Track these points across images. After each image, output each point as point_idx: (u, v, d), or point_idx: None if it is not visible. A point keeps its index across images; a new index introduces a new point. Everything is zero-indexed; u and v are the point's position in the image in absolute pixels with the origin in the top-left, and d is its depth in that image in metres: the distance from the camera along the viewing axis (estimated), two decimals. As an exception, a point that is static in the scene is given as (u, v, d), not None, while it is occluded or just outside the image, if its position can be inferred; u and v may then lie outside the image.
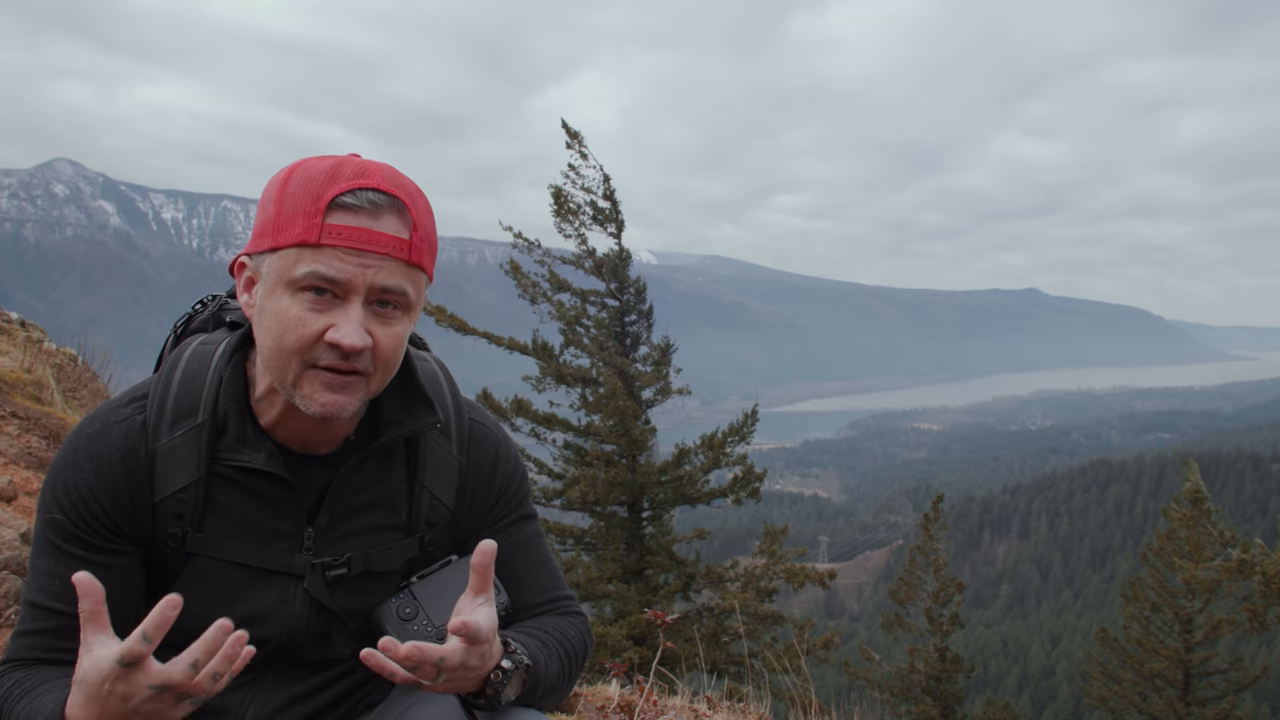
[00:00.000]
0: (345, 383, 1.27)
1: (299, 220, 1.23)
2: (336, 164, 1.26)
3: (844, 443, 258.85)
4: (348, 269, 1.22)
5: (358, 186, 1.23)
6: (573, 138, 12.92)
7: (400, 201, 1.26)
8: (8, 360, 5.35)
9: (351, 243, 1.22)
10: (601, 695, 3.76)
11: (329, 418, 1.27)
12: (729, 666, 11.72)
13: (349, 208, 1.23)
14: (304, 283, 1.22)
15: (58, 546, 1.32)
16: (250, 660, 1.38)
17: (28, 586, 1.34)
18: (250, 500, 1.36)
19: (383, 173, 1.27)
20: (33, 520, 3.47)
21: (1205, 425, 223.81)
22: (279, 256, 1.24)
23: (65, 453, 1.36)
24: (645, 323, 13.46)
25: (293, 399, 1.28)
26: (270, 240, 1.25)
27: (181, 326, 1.55)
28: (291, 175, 1.26)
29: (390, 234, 1.24)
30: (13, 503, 3.61)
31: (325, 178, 1.24)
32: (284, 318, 1.23)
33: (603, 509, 12.58)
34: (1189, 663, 17.51)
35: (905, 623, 19.53)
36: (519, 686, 1.35)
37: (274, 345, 1.26)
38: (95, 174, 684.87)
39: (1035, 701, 54.40)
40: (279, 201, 1.25)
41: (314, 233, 1.21)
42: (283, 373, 1.27)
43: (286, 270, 1.23)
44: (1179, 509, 16.84)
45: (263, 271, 1.28)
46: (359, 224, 1.23)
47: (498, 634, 1.30)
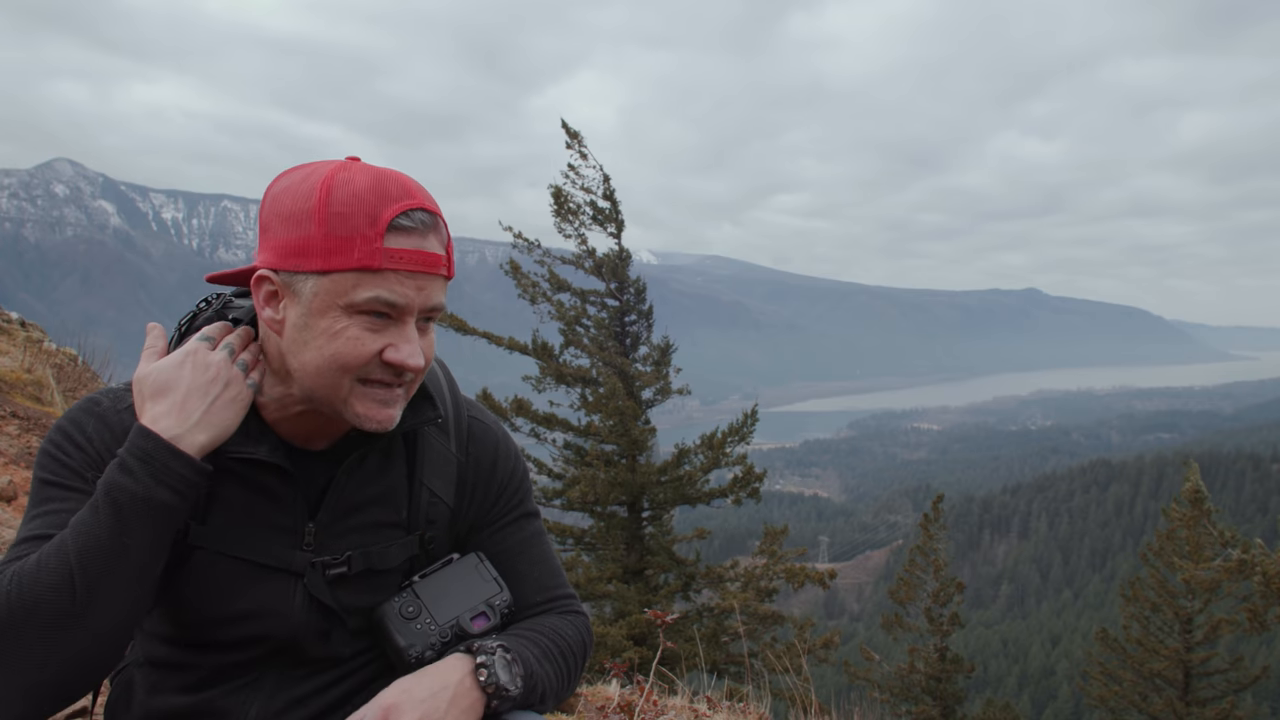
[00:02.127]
0: (395, 397, 1.32)
1: (357, 244, 1.21)
2: (377, 181, 1.24)
3: (844, 443, 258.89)
4: (408, 294, 1.24)
5: (410, 208, 1.24)
6: (573, 138, 12.92)
7: (439, 219, 1.30)
8: (8, 360, 5.34)
9: (410, 266, 1.24)
10: (601, 695, 3.76)
11: (380, 430, 1.32)
12: (729, 666, 11.72)
13: (404, 230, 1.23)
14: (365, 307, 1.24)
15: (65, 486, 1.30)
16: (251, 658, 1.39)
17: (23, 531, 1.28)
18: (253, 493, 1.36)
19: (419, 189, 1.29)
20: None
21: (1205, 425, 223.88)
22: (332, 279, 1.23)
23: (70, 419, 1.35)
24: (645, 323, 13.46)
25: (341, 414, 1.30)
26: (320, 262, 1.22)
27: (185, 324, 1.56)
28: (331, 192, 1.22)
29: (437, 253, 1.28)
30: (13, 503, 3.61)
31: (375, 197, 1.23)
32: (341, 337, 1.25)
33: (603, 509, 12.58)
34: (1189, 663, 17.51)
35: (905, 623, 19.53)
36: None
37: (328, 364, 1.26)
38: (95, 174, 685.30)
39: (1035, 701, 54.43)
40: (323, 222, 1.21)
41: (376, 258, 1.22)
42: (334, 389, 1.28)
43: (344, 294, 1.23)
44: (1179, 509, 16.84)
45: (305, 291, 1.25)
46: (413, 246, 1.24)
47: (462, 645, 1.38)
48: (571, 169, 12.95)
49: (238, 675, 1.39)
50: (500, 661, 1.35)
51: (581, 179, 13.00)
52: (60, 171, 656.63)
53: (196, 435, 1.26)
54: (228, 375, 1.30)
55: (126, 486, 1.20)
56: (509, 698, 1.34)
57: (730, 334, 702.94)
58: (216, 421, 1.28)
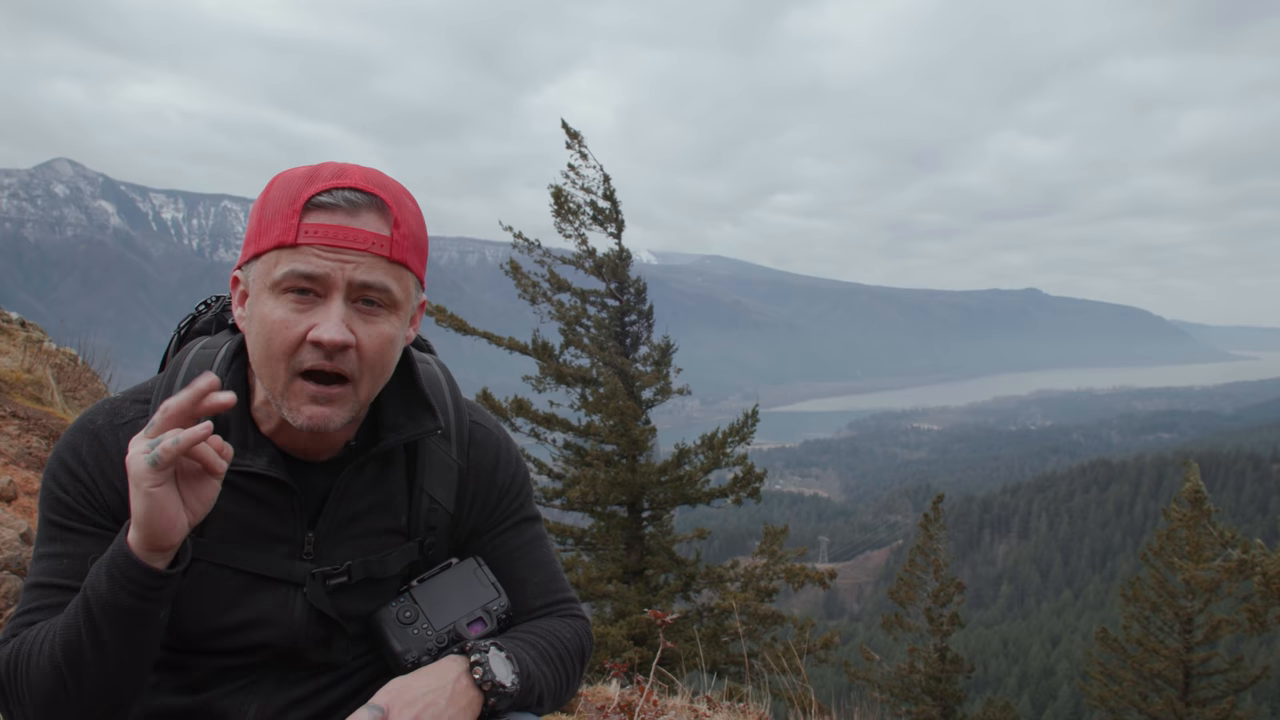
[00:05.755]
0: (331, 395, 1.26)
1: (277, 223, 1.24)
2: (315, 168, 1.28)
3: (844, 443, 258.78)
4: (325, 264, 1.22)
5: (334, 186, 1.25)
6: (573, 138, 12.91)
7: (380, 200, 1.27)
8: (8, 360, 5.34)
9: (328, 240, 1.23)
10: (602, 695, 3.76)
11: (316, 430, 1.27)
12: (729, 666, 11.72)
13: (325, 206, 1.24)
14: (285, 284, 1.23)
15: (65, 527, 1.31)
16: (250, 663, 1.39)
17: (30, 573, 1.32)
18: (251, 505, 1.36)
19: (362, 173, 1.29)
20: (33, 520, 3.47)
21: (1205, 425, 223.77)
22: (261, 262, 1.26)
23: (67, 445, 1.35)
24: (645, 323, 13.45)
25: (281, 411, 1.28)
26: (254, 247, 1.27)
27: (185, 327, 1.55)
28: (273, 184, 1.29)
29: (369, 230, 1.25)
30: (13, 503, 3.61)
31: (302, 181, 1.26)
32: (268, 321, 1.24)
33: (603, 509, 12.57)
34: (1189, 663, 17.50)
35: (905, 623, 19.53)
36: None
37: (263, 352, 1.26)
38: (95, 174, 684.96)
39: (1035, 701, 54.41)
40: (261, 210, 1.28)
41: (291, 233, 1.23)
42: (273, 381, 1.27)
43: (268, 273, 1.24)
44: (1179, 509, 16.83)
45: (250, 281, 1.29)
46: (335, 221, 1.24)
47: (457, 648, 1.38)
48: (572, 169, 12.95)
49: (236, 677, 1.38)
50: (495, 659, 1.35)
51: (582, 179, 13.00)
52: (60, 171, 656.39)
53: (135, 535, 1.18)
54: (137, 474, 1.15)
55: (99, 590, 1.20)
56: (505, 694, 1.34)
57: (730, 334, 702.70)
58: (141, 521, 1.17)
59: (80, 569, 1.28)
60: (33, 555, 1.34)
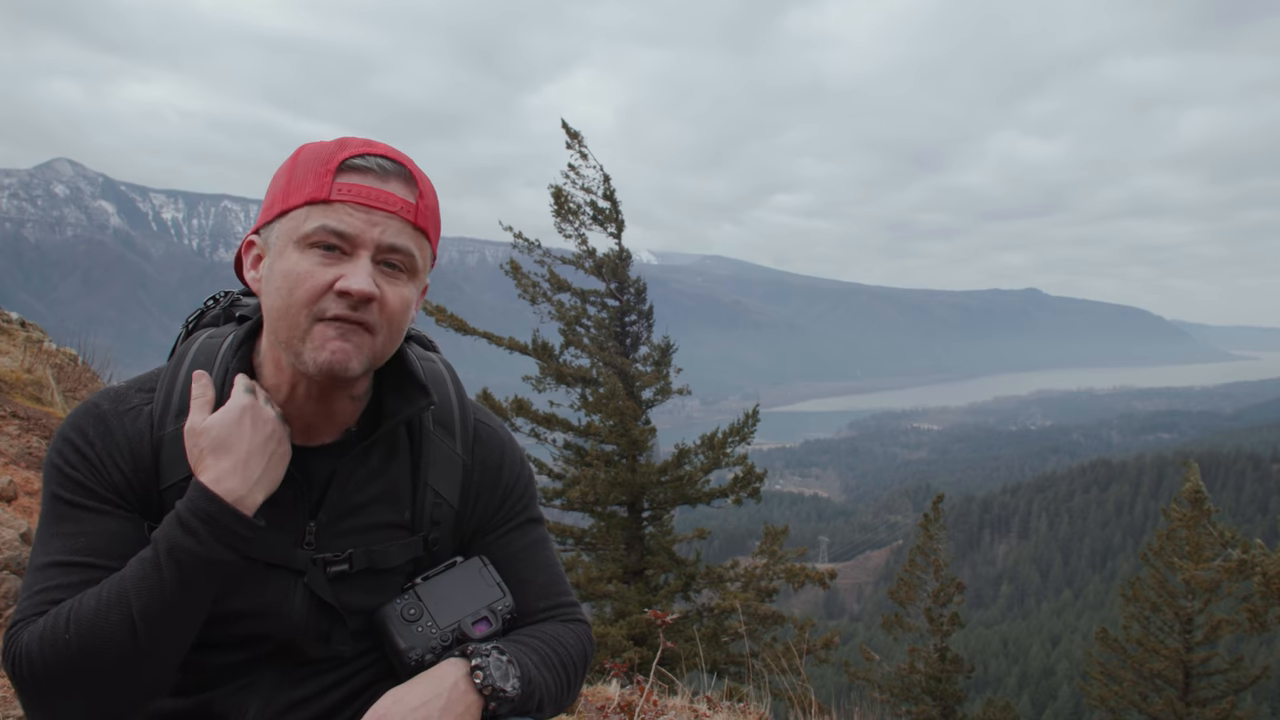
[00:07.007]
0: (353, 330, 1.28)
1: (310, 181, 1.29)
2: (343, 139, 1.34)
3: (844, 443, 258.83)
4: (356, 223, 1.27)
5: (366, 152, 1.31)
6: (573, 138, 12.91)
7: (407, 170, 1.33)
8: (8, 360, 5.34)
9: (361, 199, 1.28)
10: (602, 695, 3.76)
11: (334, 373, 1.28)
12: (729, 666, 11.72)
13: (358, 169, 1.30)
14: (314, 238, 1.27)
15: (77, 504, 1.30)
16: (250, 659, 1.39)
17: (40, 553, 1.29)
18: None
19: (393, 150, 1.35)
20: (33, 520, 3.47)
21: (1205, 425, 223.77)
22: (289, 218, 1.29)
23: (73, 426, 1.35)
24: (645, 323, 13.45)
25: (300, 355, 1.28)
26: (280, 205, 1.31)
27: (193, 321, 1.56)
28: (301, 151, 1.34)
29: (398, 195, 1.31)
30: (13, 503, 3.61)
31: (334, 146, 1.32)
32: (293, 273, 1.27)
33: (603, 509, 12.57)
34: (1189, 663, 17.51)
35: (905, 623, 19.54)
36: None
37: (284, 302, 1.27)
38: (95, 174, 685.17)
39: (1035, 701, 54.42)
40: (290, 172, 1.33)
41: (324, 190, 1.28)
42: (291, 329, 1.28)
43: (296, 229, 1.28)
44: (1179, 509, 16.84)
45: (271, 239, 1.32)
46: (367, 183, 1.29)
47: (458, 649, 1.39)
48: (572, 169, 12.94)
49: (236, 677, 1.38)
50: (496, 664, 1.34)
51: (582, 179, 12.99)
52: (60, 171, 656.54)
53: (256, 495, 1.29)
54: (281, 432, 1.33)
55: (190, 548, 1.23)
56: (506, 699, 1.33)
57: (730, 334, 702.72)
58: (274, 479, 1.31)
59: (97, 546, 1.28)
60: (38, 537, 1.32)
